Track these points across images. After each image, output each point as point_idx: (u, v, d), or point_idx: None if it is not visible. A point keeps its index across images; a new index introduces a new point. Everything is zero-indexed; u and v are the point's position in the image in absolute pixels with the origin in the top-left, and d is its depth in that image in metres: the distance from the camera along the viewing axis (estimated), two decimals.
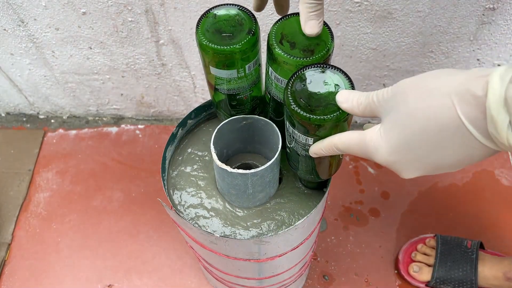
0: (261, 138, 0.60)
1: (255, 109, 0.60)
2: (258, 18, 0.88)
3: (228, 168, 0.52)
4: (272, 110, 0.56)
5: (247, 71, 0.52)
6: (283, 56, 0.47)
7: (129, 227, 1.04)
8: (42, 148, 1.17)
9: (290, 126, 0.46)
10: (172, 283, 0.97)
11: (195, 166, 0.63)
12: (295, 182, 0.62)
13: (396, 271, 0.97)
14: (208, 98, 0.60)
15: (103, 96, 1.14)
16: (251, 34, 0.49)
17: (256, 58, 0.51)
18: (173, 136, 0.63)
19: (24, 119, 1.23)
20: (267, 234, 0.58)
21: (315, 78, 0.44)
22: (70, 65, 1.04)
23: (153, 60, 1.00)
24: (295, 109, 0.43)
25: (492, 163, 1.09)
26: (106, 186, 1.10)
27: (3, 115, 1.24)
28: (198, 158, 0.64)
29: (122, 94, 1.13)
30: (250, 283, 0.73)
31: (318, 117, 0.42)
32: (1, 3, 0.89)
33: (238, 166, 0.63)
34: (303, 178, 0.59)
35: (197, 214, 0.60)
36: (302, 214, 0.59)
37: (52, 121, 1.22)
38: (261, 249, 0.57)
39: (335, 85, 0.44)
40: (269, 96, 0.54)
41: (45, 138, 1.19)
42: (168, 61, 1.00)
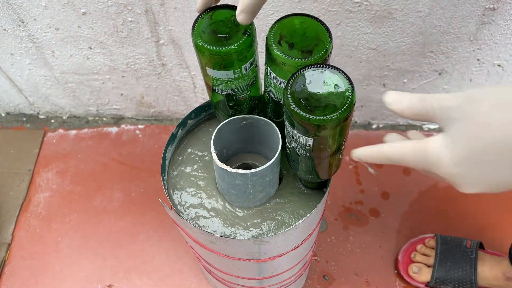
0: (261, 138, 0.60)
1: (254, 109, 0.60)
2: (257, 18, 0.88)
3: (228, 168, 0.52)
4: (271, 111, 0.56)
5: (244, 72, 0.52)
6: (282, 57, 0.47)
7: (129, 227, 1.04)
8: (42, 148, 1.17)
9: (289, 127, 0.46)
10: (172, 283, 0.97)
11: (195, 166, 0.63)
12: (295, 182, 0.62)
13: (396, 271, 0.97)
14: (208, 98, 0.60)
15: (103, 96, 1.14)
16: (247, 34, 0.49)
17: (252, 59, 0.51)
18: (173, 136, 0.63)
19: (24, 119, 1.23)
20: (267, 234, 0.58)
21: (315, 79, 0.44)
22: (70, 65, 1.04)
23: (153, 60, 1.00)
24: (295, 109, 0.43)
25: None
26: (106, 186, 1.10)
27: (3, 115, 1.24)
28: (198, 158, 0.64)
29: (122, 94, 1.13)
30: (250, 283, 0.73)
31: (318, 117, 0.42)
32: (1, 3, 0.89)
33: (238, 166, 0.63)
34: (303, 178, 0.59)
35: (197, 214, 0.60)
36: (302, 214, 0.59)
37: (52, 121, 1.22)
38: (261, 249, 0.57)
39: (335, 85, 0.44)
40: (268, 96, 0.54)
41: (45, 138, 1.19)
42: (168, 61, 1.00)
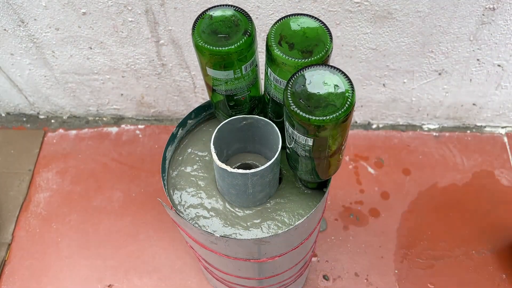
0: (261, 138, 0.60)
1: (254, 109, 0.60)
2: (257, 18, 0.88)
3: (228, 168, 0.52)
4: (271, 111, 0.56)
5: (244, 72, 0.52)
6: (282, 57, 0.47)
7: (129, 227, 1.04)
8: (42, 148, 1.17)
9: (289, 127, 0.46)
10: (172, 283, 0.97)
11: (195, 166, 0.63)
12: (295, 182, 0.62)
13: (396, 271, 0.97)
14: (208, 98, 0.61)
15: (103, 96, 1.14)
16: (247, 35, 0.49)
17: (252, 59, 0.51)
18: (173, 136, 0.63)
19: (24, 119, 1.23)
20: (267, 234, 0.58)
21: (315, 79, 0.44)
22: (70, 65, 1.04)
23: (153, 60, 1.00)
24: (295, 110, 0.43)
25: (492, 163, 1.09)
26: (106, 186, 1.10)
27: (3, 115, 1.24)
28: (198, 158, 0.64)
29: (122, 94, 1.13)
30: (250, 283, 0.73)
31: (317, 118, 0.42)
32: (1, 3, 0.89)
33: (238, 166, 0.63)
34: (303, 178, 0.59)
35: (197, 214, 0.60)
36: (302, 214, 0.59)
37: (52, 121, 1.22)
38: (261, 249, 0.57)
39: (335, 85, 0.44)
40: (268, 96, 0.54)
41: (45, 138, 1.19)
42: (168, 61, 1.00)
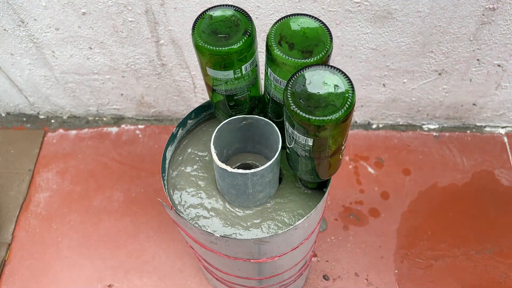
0: (261, 138, 0.60)
1: (254, 109, 0.60)
2: (257, 18, 0.88)
3: (228, 168, 0.52)
4: (271, 111, 0.56)
5: (244, 72, 0.52)
6: (282, 57, 0.47)
7: (129, 227, 1.04)
8: (42, 148, 1.17)
9: (289, 127, 0.46)
10: (172, 283, 0.97)
11: (195, 166, 0.64)
12: (295, 182, 0.62)
13: (396, 271, 0.97)
14: (208, 98, 0.61)
15: (103, 96, 1.14)
16: (247, 35, 0.49)
17: (252, 59, 0.51)
18: (173, 136, 0.63)
19: (24, 119, 1.23)
20: (267, 234, 0.58)
21: (315, 79, 0.44)
22: (70, 65, 1.04)
23: (153, 60, 1.00)
24: (295, 110, 0.43)
25: (492, 163, 1.09)
26: (106, 186, 1.10)
27: (3, 115, 1.24)
28: (198, 158, 0.64)
29: (122, 94, 1.13)
30: (250, 283, 0.73)
31: (317, 118, 0.42)
32: (1, 3, 0.89)
33: (238, 166, 0.63)
34: (303, 178, 0.59)
35: (197, 214, 0.60)
36: (302, 214, 0.59)
37: (52, 121, 1.22)
38: (261, 249, 0.57)
39: (335, 85, 0.44)
40: (268, 96, 0.54)
41: (45, 138, 1.19)
42: (168, 61, 1.00)
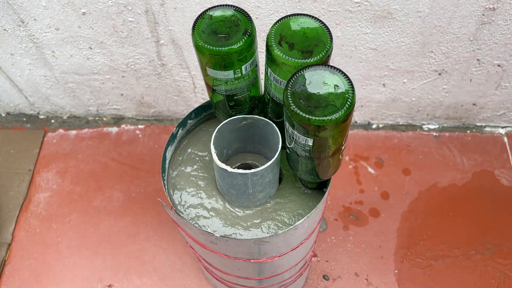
0: (261, 138, 0.60)
1: (254, 109, 0.60)
2: (257, 18, 0.88)
3: (228, 168, 0.52)
4: (271, 111, 0.56)
5: (244, 72, 0.52)
6: (282, 57, 0.47)
7: (129, 227, 1.04)
8: (42, 148, 1.17)
9: (289, 127, 0.46)
10: (172, 283, 0.97)
11: (195, 166, 0.64)
12: (295, 182, 0.62)
13: (396, 271, 0.97)
14: (208, 98, 0.61)
15: (103, 96, 1.14)
16: (247, 35, 0.49)
17: (252, 59, 0.51)
18: (173, 136, 0.63)
19: (24, 119, 1.23)
20: (267, 234, 0.58)
21: (315, 79, 0.44)
22: (70, 65, 1.04)
23: (153, 60, 1.00)
24: (295, 110, 0.43)
25: (492, 163, 1.09)
26: (106, 186, 1.10)
27: (3, 115, 1.24)
28: (198, 158, 0.64)
29: (122, 94, 1.13)
30: (250, 283, 0.73)
31: (318, 118, 0.42)
32: (1, 3, 0.89)
33: (238, 166, 0.63)
34: (303, 179, 0.59)
35: (197, 214, 0.60)
36: (302, 214, 0.59)
37: (52, 121, 1.22)
38: (261, 249, 0.57)
39: (335, 86, 0.44)
40: (268, 96, 0.54)
41: (45, 138, 1.19)
42: (168, 61, 1.00)
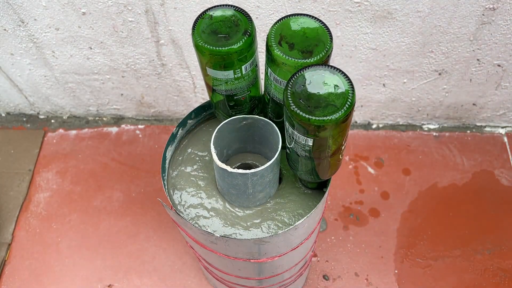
0: (261, 138, 0.60)
1: (254, 109, 0.60)
2: (257, 18, 0.88)
3: (228, 168, 0.52)
4: (271, 111, 0.56)
5: (244, 72, 0.52)
6: (282, 57, 0.47)
7: (129, 227, 1.04)
8: (42, 148, 1.17)
9: (289, 127, 0.46)
10: (172, 283, 0.97)
11: (195, 166, 0.64)
12: (295, 182, 0.62)
13: (396, 271, 0.97)
14: (208, 98, 0.61)
15: (103, 96, 1.14)
16: (247, 35, 0.49)
17: (252, 59, 0.51)
18: (173, 136, 0.63)
19: (24, 119, 1.23)
20: (267, 234, 0.58)
21: (315, 79, 0.44)
22: (70, 65, 1.04)
23: (153, 60, 1.00)
24: (295, 110, 0.43)
25: (492, 163, 1.09)
26: (106, 186, 1.10)
27: (3, 115, 1.24)
28: (198, 158, 0.64)
29: (122, 94, 1.13)
30: (250, 283, 0.73)
31: (318, 118, 0.42)
32: (1, 3, 0.89)
33: (238, 166, 0.63)
34: (303, 179, 0.59)
35: (197, 214, 0.60)
36: (302, 214, 0.59)
37: (52, 121, 1.22)
38: (261, 249, 0.57)
39: (335, 86, 0.44)
40: (268, 96, 0.54)
41: (45, 138, 1.19)
42: (168, 61, 1.00)
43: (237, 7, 0.51)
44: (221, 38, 0.49)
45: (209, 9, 0.51)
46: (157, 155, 1.14)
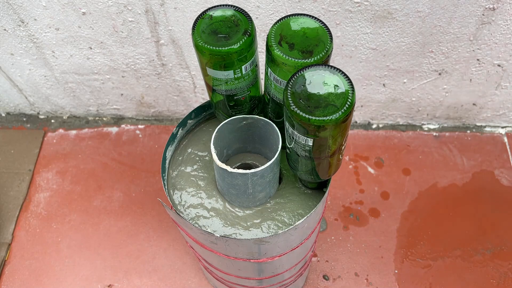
0: (261, 138, 0.60)
1: (254, 109, 0.60)
2: (257, 18, 0.88)
3: (228, 168, 0.52)
4: (271, 111, 0.56)
5: (244, 72, 0.52)
6: (282, 57, 0.47)
7: (129, 227, 1.04)
8: (42, 148, 1.17)
9: (289, 127, 0.46)
10: (172, 283, 0.97)
11: (195, 166, 0.64)
12: (295, 182, 0.62)
13: (396, 271, 0.97)
14: (208, 98, 0.61)
15: (103, 96, 1.14)
16: (247, 35, 0.49)
17: (252, 59, 0.51)
18: (173, 136, 0.63)
19: (24, 119, 1.23)
20: (267, 234, 0.58)
21: (315, 79, 0.44)
22: (70, 65, 1.04)
23: (153, 60, 1.00)
24: (295, 110, 0.43)
25: (492, 163, 1.09)
26: (106, 186, 1.10)
27: (3, 115, 1.24)
28: (198, 158, 0.64)
29: (122, 94, 1.13)
30: (250, 283, 0.73)
31: (318, 118, 0.42)
32: (1, 3, 0.89)
33: (238, 166, 0.63)
34: (303, 179, 0.59)
35: (197, 214, 0.60)
36: (302, 214, 0.59)
37: (52, 121, 1.22)
38: (261, 249, 0.57)
39: (335, 86, 0.44)
40: (268, 96, 0.54)
41: (45, 138, 1.19)
42: (168, 61, 1.00)
43: (237, 7, 0.51)
44: (221, 38, 0.49)
45: (209, 9, 0.51)
46: (157, 155, 1.14)
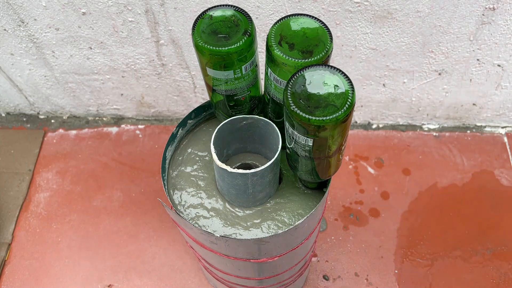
0: (261, 138, 0.60)
1: (254, 109, 0.60)
2: (257, 18, 0.88)
3: (228, 168, 0.53)
4: (271, 111, 0.56)
5: (244, 72, 0.52)
6: (282, 57, 0.47)
7: (129, 227, 1.04)
8: (42, 148, 1.17)
9: (289, 127, 0.46)
10: (172, 283, 0.97)
11: (195, 166, 0.64)
12: (295, 182, 0.62)
13: (396, 271, 0.97)
14: (208, 98, 0.61)
15: (103, 96, 1.14)
16: (247, 35, 0.49)
17: (252, 59, 0.51)
18: (173, 136, 0.63)
19: (24, 119, 1.23)
20: (267, 234, 0.58)
21: (315, 79, 0.44)
22: (70, 65, 1.04)
23: (153, 60, 1.00)
24: (295, 110, 0.43)
25: (492, 163, 1.09)
26: (106, 186, 1.10)
27: (3, 115, 1.24)
28: (198, 158, 0.64)
29: (122, 94, 1.13)
30: (250, 283, 0.73)
31: (318, 118, 0.42)
32: (1, 3, 0.89)
33: (238, 166, 0.63)
34: (303, 179, 0.59)
35: (197, 214, 0.60)
36: (302, 214, 0.59)
37: (52, 121, 1.22)
38: (261, 249, 0.57)
39: (335, 86, 0.44)
40: (268, 96, 0.54)
41: (45, 138, 1.19)
42: (168, 61, 1.00)
43: (237, 7, 0.51)
44: (221, 38, 0.49)
45: (209, 9, 0.51)
46: (157, 155, 1.14)
